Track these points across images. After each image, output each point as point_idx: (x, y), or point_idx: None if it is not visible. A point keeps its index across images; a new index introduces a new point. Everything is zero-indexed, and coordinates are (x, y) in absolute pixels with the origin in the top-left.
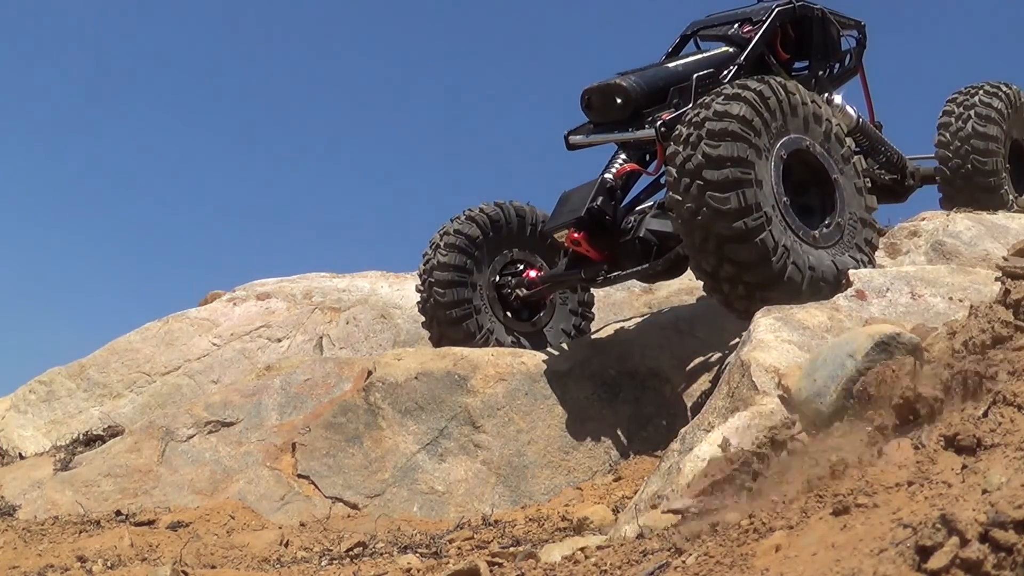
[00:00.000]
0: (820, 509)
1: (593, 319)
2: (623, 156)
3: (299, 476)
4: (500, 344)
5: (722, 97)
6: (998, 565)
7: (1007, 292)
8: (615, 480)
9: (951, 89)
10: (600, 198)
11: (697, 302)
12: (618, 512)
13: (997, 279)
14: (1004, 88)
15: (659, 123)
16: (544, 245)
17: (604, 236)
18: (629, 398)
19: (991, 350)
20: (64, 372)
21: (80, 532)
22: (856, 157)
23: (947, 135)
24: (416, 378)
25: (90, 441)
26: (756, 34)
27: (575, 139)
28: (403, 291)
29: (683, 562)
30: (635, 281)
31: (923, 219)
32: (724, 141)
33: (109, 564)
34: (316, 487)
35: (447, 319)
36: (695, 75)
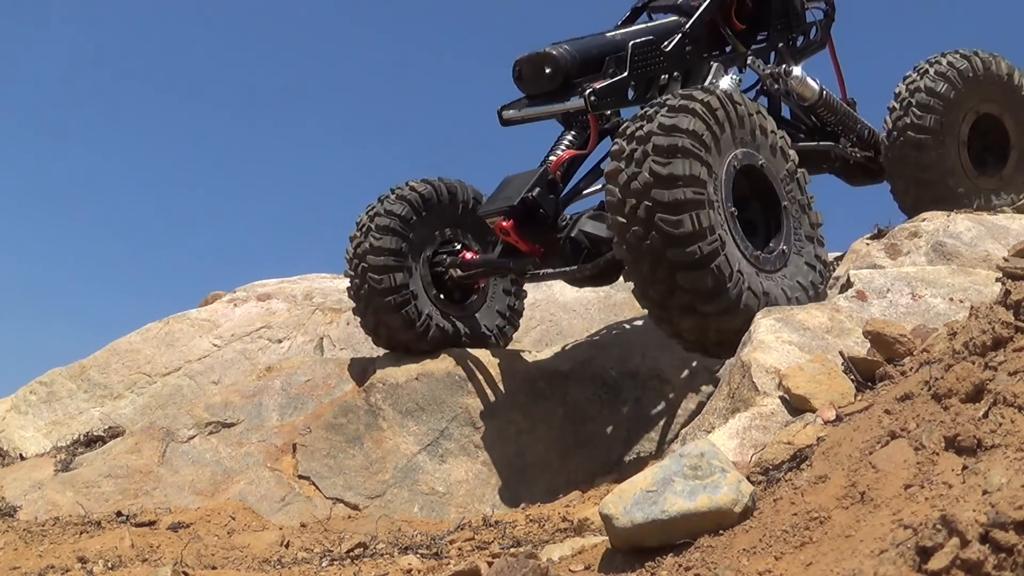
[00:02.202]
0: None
1: (518, 327)
2: (570, 136)
3: (300, 477)
4: (417, 310)
5: (667, 109)
6: (998, 566)
7: (1007, 293)
8: (616, 481)
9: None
10: (537, 189)
11: None
12: None
13: (997, 280)
14: (982, 55)
15: (588, 91)
16: (477, 224)
17: (536, 229)
18: (630, 399)
19: (991, 351)
20: (65, 373)
21: (81, 533)
22: (800, 172)
23: (902, 87)
24: (417, 379)
25: (91, 442)
26: (704, 2)
27: (508, 114)
28: None
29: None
30: None
31: (923, 220)
32: (674, 158)
33: (110, 565)
34: (317, 488)
35: (385, 307)
36: (631, 43)
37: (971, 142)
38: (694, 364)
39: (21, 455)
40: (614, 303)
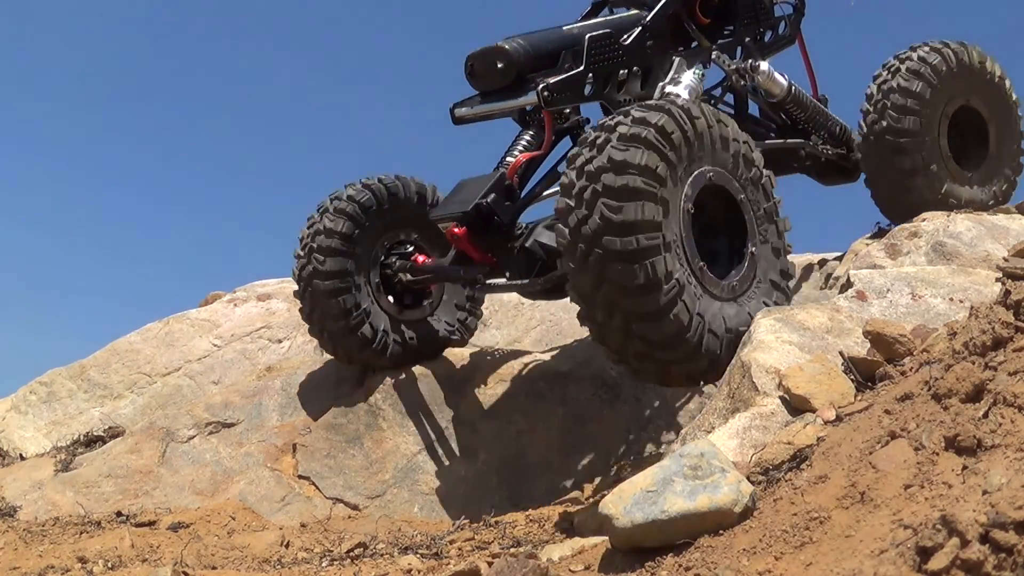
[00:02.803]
0: None
1: (481, 315)
2: (528, 136)
3: (300, 477)
4: (373, 328)
5: (618, 138)
6: (999, 566)
7: (1007, 293)
8: (616, 481)
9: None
10: (492, 195)
11: None
12: None
13: (997, 280)
14: (953, 46)
15: (541, 87)
16: (426, 222)
17: (490, 237)
18: (629, 399)
19: (991, 351)
20: (65, 373)
21: (81, 533)
22: (766, 177)
23: (873, 87)
24: (417, 379)
25: (91, 442)
26: None
27: (460, 112)
28: None
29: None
30: None
31: (923, 220)
32: (627, 201)
33: (110, 565)
34: (317, 488)
35: (340, 331)
36: (588, 36)
37: (950, 137)
38: None
39: (21, 455)
40: None
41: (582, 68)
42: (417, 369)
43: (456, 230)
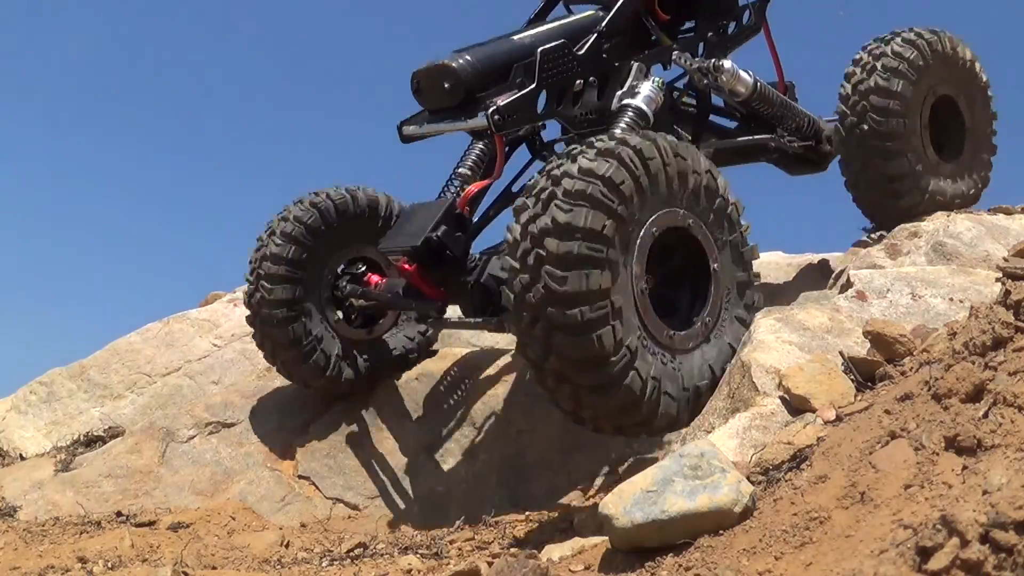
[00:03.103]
0: None
1: (435, 339)
2: (480, 148)
3: (300, 477)
4: (325, 355)
5: (562, 194)
6: (998, 566)
7: (1007, 293)
8: (616, 481)
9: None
10: (443, 227)
11: None
12: None
13: (997, 280)
14: (926, 35)
15: (492, 110)
16: (381, 234)
17: (442, 272)
18: None
19: (991, 351)
20: (65, 373)
21: (81, 533)
22: (732, 206)
23: (848, 87)
24: (416, 379)
25: (91, 442)
26: None
27: (408, 130)
28: None
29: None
30: None
31: (923, 220)
32: (571, 270)
33: (110, 565)
34: (317, 488)
35: (271, 319)
36: (540, 49)
37: (928, 129)
38: None
39: (21, 455)
40: None
41: (534, 85)
42: (417, 369)
43: (406, 266)
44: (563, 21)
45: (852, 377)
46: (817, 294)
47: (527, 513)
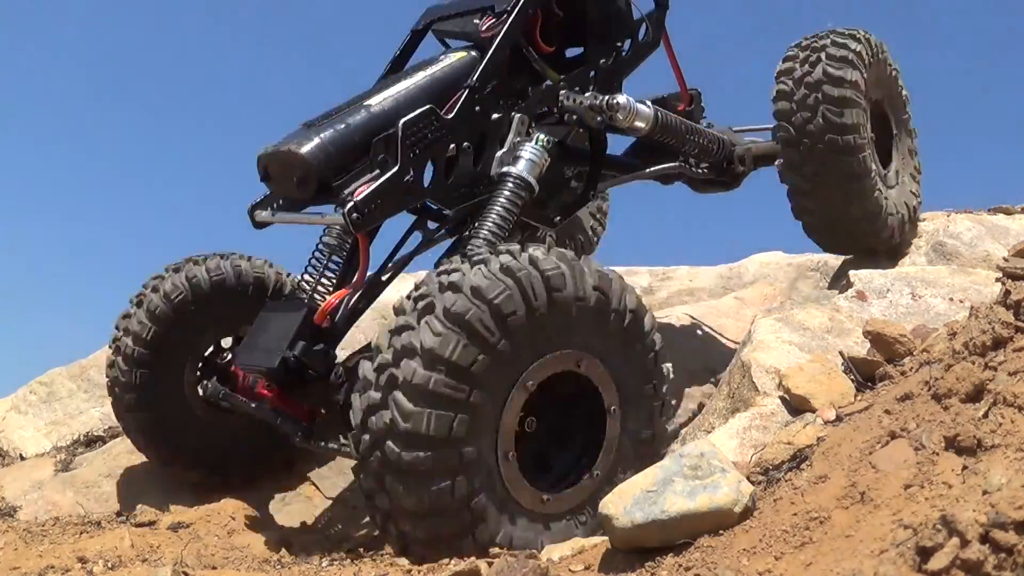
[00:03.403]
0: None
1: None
2: (336, 232)
3: (300, 477)
4: (188, 446)
5: (441, 311)
6: (999, 566)
7: (1007, 293)
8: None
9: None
10: (300, 344)
11: (697, 302)
12: None
13: (997, 280)
14: (862, 33)
15: (349, 206)
16: (252, 314)
17: (307, 390)
18: None
19: (991, 351)
20: (64, 373)
21: (81, 533)
22: (651, 336)
23: (790, 83)
24: None
25: (91, 442)
26: (499, 33)
27: (261, 216)
28: (404, 292)
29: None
30: (635, 281)
31: (923, 220)
32: (422, 406)
33: (110, 565)
34: (317, 488)
35: (125, 405)
36: (402, 122)
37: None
38: (694, 364)
39: (21, 455)
40: None
41: (397, 168)
42: None
43: (265, 391)
44: (428, 72)
45: (852, 377)
46: (817, 294)
47: None
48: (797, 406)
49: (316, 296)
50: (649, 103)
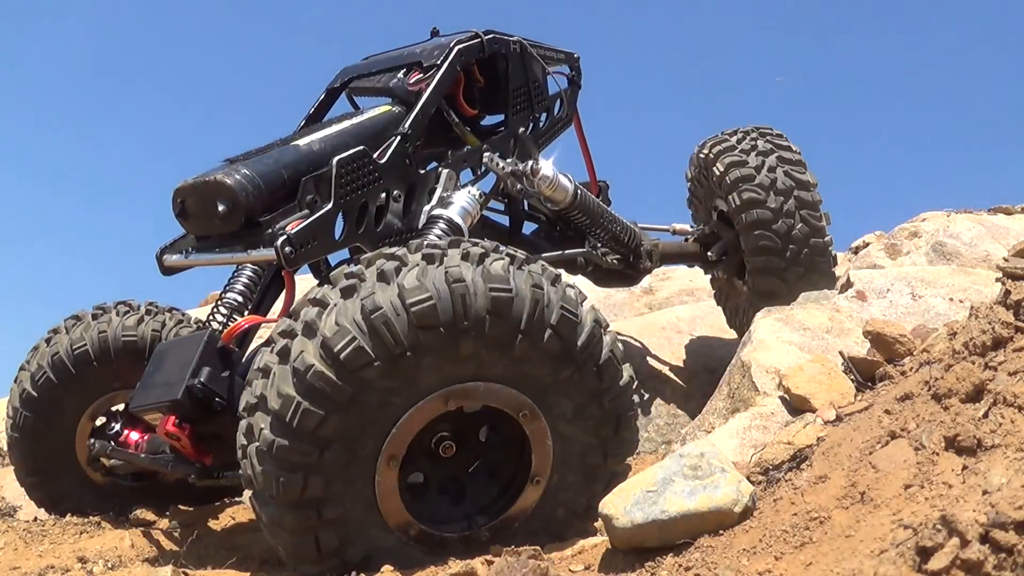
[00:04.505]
0: None
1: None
2: (247, 274)
3: None
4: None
5: (265, 421)
6: (999, 566)
7: (1007, 293)
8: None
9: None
10: (206, 370)
11: (697, 303)
12: None
13: (997, 280)
14: (770, 133)
15: (282, 239)
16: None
17: (215, 422)
18: None
19: (991, 351)
20: None
21: (81, 533)
22: (619, 369)
23: (754, 190)
24: None
25: None
26: (429, 85)
27: (170, 260)
28: None
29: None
30: None
31: (923, 219)
32: (268, 467)
33: (110, 565)
34: None
35: (23, 469)
36: (336, 159)
37: None
38: (694, 364)
39: None
40: (614, 303)
41: (331, 205)
42: None
43: (171, 427)
44: (356, 120)
45: (852, 377)
46: (817, 294)
47: None
48: (797, 406)
49: (221, 325)
50: (570, 177)
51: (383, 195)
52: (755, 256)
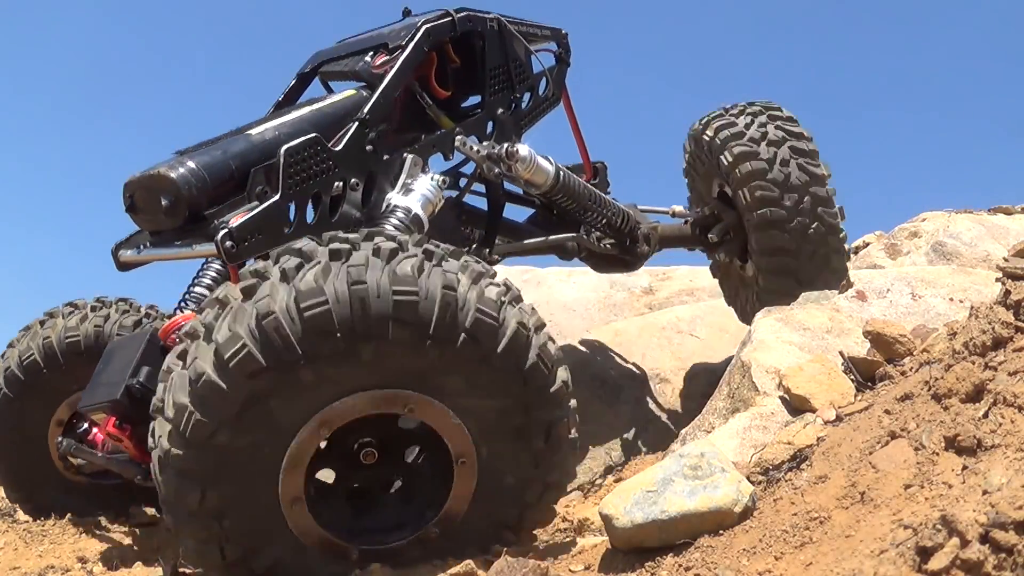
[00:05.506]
0: None
1: None
2: (215, 267)
3: None
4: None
5: (163, 427)
6: (998, 566)
7: (1007, 293)
8: (616, 481)
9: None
10: (145, 369)
11: (697, 302)
12: None
13: (997, 280)
14: (777, 110)
15: (223, 233)
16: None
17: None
18: (629, 399)
19: (991, 351)
20: None
21: (81, 533)
22: (561, 383)
23: (767, 187)
24: None
25: None
26: (392, 68)
27: (125, 256)
28: None
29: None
30: (635, 281)
31: (923, 219)
32: (181, 521)
33: (110, 565)
34: None
35: (7, 485)
36: (284, 148)
37: None
38: (694, 364)
39: None
40: (614, 303)
41: (278, 197)
42: None
43: (111, 428)
44: (316, 106)
45: (852, 377)
46: (817, 294)
47: None
48: (797, 406)
49: (165, 321)
50: (552, 159)
51: (339, 184)
52: (767, 256)
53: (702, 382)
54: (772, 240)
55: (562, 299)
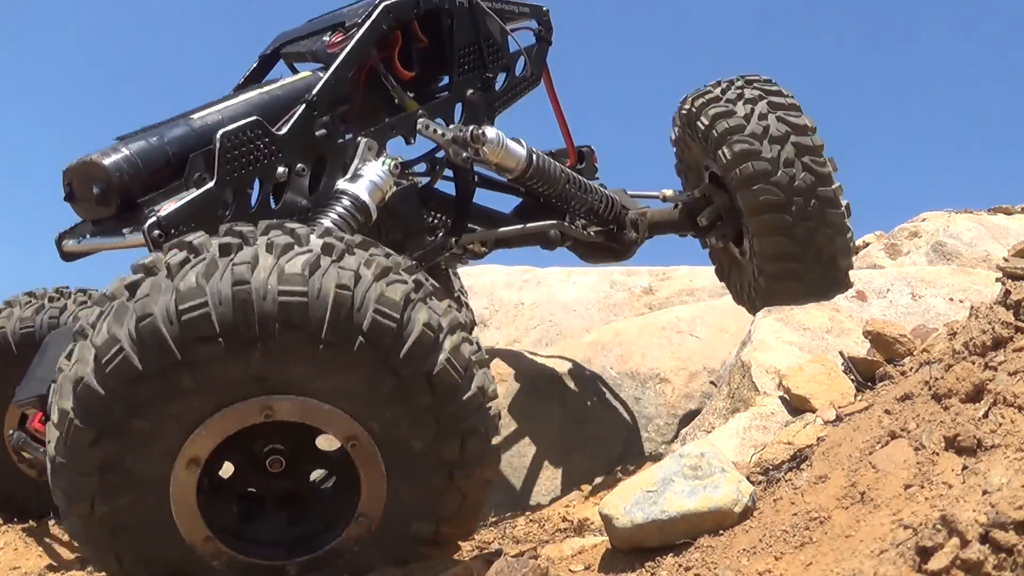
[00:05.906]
0: None
1: None
2: None
3: None
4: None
5: (52, 431)
6: (998, 566)
7: (1007, 293)
8: (615, 481)
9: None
10: None
11: (697, 303)
12: None
13: (997, 280)
14: (771, 82)
15: (150, 223)
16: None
17: None
18: (629, 399)
19: (991, 351)
20: None
21: None
22: (489, 402)
23: (746, 140)
24: None
25: None
26: (345, 47)
27: (68, 246)
28: None
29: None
30: (635, 281)
31: (923, 219)
32: (57, 480)
33: None
34: None
35: None
36: (220, 133)
37: None
38: (694, 364)
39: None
40: (614, 303)
41: (212, 184)
42: None
43: (38, 424)
44: (266, 89)
45: (852, 377)
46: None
47: (527, 513)
48: (797, 406)
49: None
50: (523, 142)
51: (283, 170)
52: (757, 215)
53: (702, 382)
54: (757, 196)
55: (562, 299)
